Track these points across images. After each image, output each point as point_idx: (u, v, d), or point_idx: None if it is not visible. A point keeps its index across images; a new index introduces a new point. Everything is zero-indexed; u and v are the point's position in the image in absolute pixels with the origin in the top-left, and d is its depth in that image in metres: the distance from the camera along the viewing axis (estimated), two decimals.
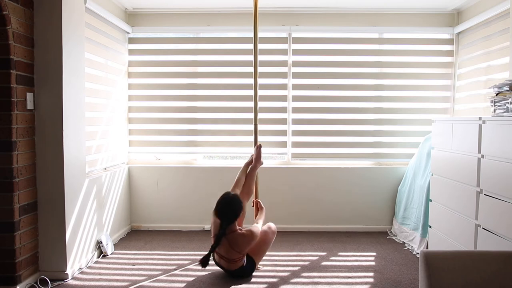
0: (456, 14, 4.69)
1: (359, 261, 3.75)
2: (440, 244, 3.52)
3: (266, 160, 4.88)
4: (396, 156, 4.81)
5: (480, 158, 2.95)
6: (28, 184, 3.14)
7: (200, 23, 4.77)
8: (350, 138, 4.80)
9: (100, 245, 3.85)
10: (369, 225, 4.74)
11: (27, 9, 3.10)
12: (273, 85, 4.78)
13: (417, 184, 4.20)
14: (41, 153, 3.23)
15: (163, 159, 4.97)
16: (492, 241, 2.76)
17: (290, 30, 4.70)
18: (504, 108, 2.82)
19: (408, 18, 4.72)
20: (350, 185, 4.72)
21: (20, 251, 3.03)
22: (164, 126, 4.88)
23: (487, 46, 4.09)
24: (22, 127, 3.05)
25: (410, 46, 4.77)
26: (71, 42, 3.34)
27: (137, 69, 4.85)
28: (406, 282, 3.25)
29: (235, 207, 3.21)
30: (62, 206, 3.26)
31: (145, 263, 3.68)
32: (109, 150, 4.31)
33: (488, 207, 2.83)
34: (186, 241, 4.32)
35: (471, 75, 4.42)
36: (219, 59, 4.80)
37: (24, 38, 3.07)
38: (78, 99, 3.48)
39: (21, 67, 3.03)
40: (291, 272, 3.47)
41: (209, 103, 4.83)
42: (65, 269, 3.29)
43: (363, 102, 4.79)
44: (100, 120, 4.13)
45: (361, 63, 4.77)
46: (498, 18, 3.89)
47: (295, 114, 4.79)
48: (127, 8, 4.68)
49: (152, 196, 4.79)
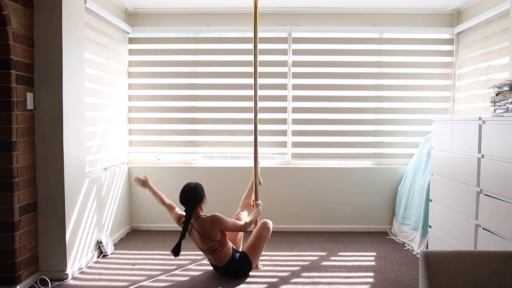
0: (456, 14, 4.69)
1: (359, 261, 3.75)
2: (440, 244, 3.52)
3: (266, 160, 4.90)
4: (396, 156, 4.82)
5: (480, 158, 2.95)
6: (28, 184, 3.14)
7: (200, 23, 4.77)
8: (350, 138, 4.80)
9: (100, 245, 3.85)
10: (369, 225, 4.74)
11: (27, 9, 3.10)
12: (273, 85, 4.78)
13: (417, 184, 4.20)
14: (41, 153, 3.23)
15: (163, 159, 4.97)
16: (492, 241, 2.76)
17: (290, 30, 4.71)
18: (504, 108, 2.82)
19: (408, 18, 4.72)
20: (350, 185, 4.72)
21: (20, 251, 3.04)
22: (164, 126, 4.88)
23: (487, 46, 4.09)
24: (22, 127, 3.05)
25: (410, 46, 4.78)
26: (71, 42, 3.34)
27: (137, 69, 4.85)
28: (406, 282, 3.25)
29: (197, 193, 3.33)
30: (62, 206, 3.26)
31: (145, 263, 3.68)
32: (109, 150, 4.31)
33: (488, 207, 2.83)
34: (185, 241, 4.30)
35: (471, 75, 4.42)
36: (219, 59, 4.80)
37: (24, 38, 3.07)
38: (78, 99, 3.48)
39: (21, 67, 3.03)
40: (291, 272, 3.47)
41: (209, 103, 4.84)
42: (65, 269, 3.29)
43: (363, 102, 4.79)
44: (100, 120, 4.13)
45: (361, 63, 4.77)
46: (498, 18, 3.89)
47: (295, 114, 4.79)
48: (127, 8, 4.68)
49: (152, 196, 4.77)
